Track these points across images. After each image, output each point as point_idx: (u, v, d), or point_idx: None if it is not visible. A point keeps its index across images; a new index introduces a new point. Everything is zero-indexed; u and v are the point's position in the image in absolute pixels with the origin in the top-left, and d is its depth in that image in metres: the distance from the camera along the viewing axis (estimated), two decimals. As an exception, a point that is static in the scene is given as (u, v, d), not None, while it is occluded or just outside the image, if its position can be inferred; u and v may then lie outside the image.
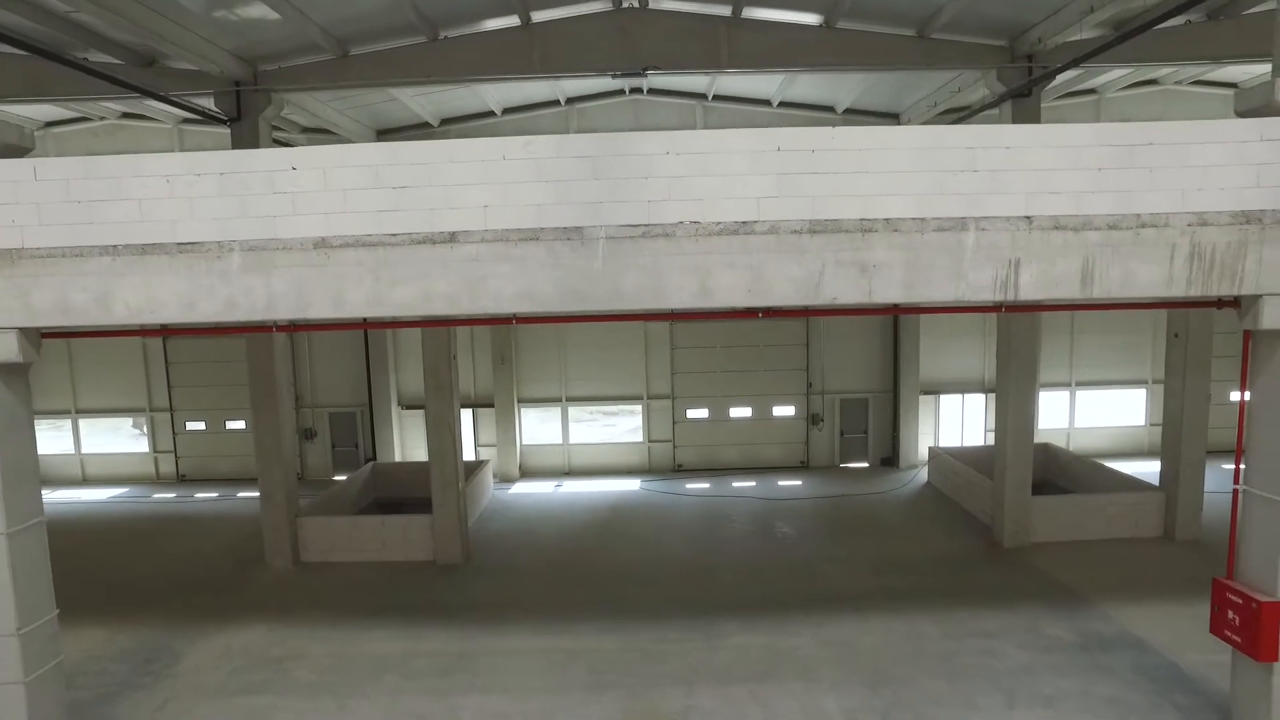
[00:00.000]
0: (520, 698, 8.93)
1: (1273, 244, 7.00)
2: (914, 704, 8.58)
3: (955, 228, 6.94)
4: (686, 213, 6.93)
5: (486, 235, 7.08)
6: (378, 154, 7.22)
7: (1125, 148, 6.95)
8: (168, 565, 13.64)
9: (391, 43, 12.62)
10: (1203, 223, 6.99)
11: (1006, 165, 6.92)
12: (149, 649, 10.41)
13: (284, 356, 13.14)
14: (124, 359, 19.22)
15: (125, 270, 7.25)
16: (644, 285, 7.03)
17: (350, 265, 7.21)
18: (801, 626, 10.51)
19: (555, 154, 7.01)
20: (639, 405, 19.08)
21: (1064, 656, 9.53)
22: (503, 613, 11.25)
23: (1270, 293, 7.06)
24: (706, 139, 7.00)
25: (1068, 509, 13.61)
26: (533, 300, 7.15)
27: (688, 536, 14.45)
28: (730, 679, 9.21)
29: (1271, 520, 7.40)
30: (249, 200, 7.17)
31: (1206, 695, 8.54)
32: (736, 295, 7.00)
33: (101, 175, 7.17)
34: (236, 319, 7.36)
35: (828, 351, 18.85)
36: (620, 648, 10.06)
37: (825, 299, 7.00)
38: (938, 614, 10.75)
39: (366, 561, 13.37)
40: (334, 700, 9.00)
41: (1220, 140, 6.96)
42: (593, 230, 7.00)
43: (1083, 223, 6.98)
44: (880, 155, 6.89)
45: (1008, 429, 13.19)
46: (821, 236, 6.93)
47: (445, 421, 12.93)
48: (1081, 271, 7.05)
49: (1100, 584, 11.59)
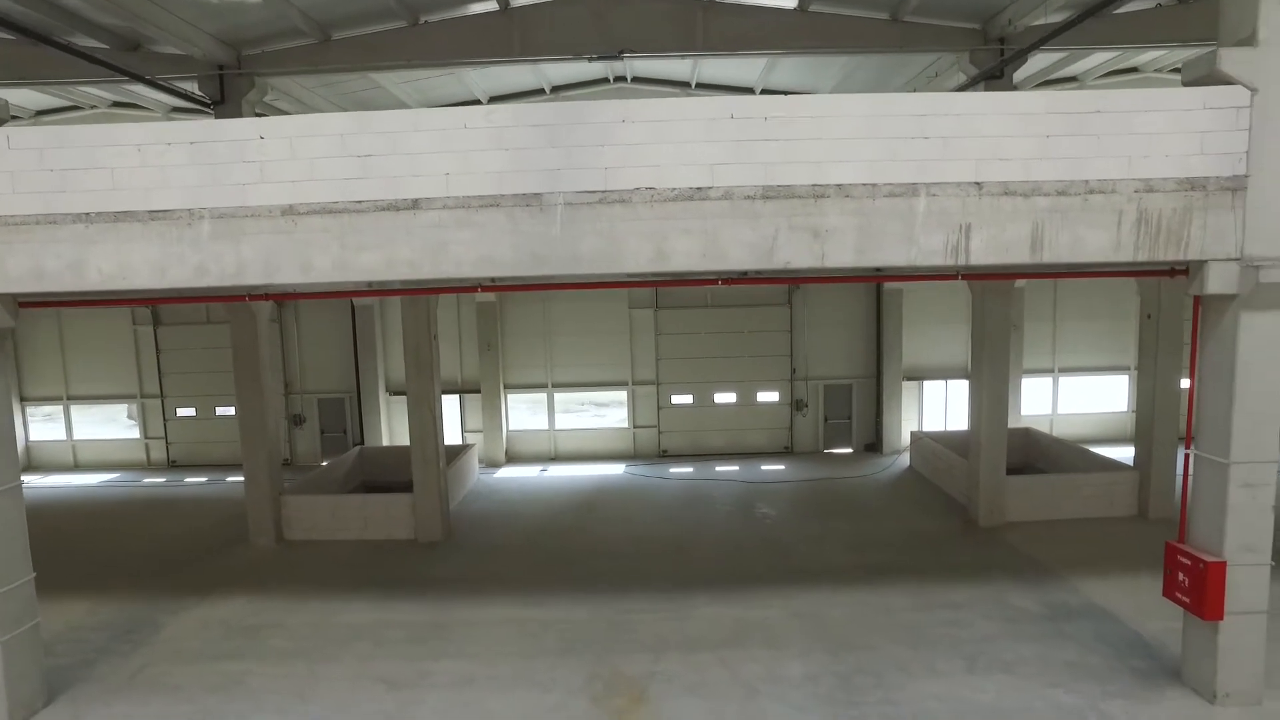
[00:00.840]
0: (489, 662, 9.09)
1: (1216, 210, 7.15)
2: (876, 669, 8.72)
3: (906, 193, 7.10)
4: (642, 179, 7.10)
5: (448, 202, 7.26)
6: (343, 123, 7.38)
7: (1074, 115, 7.11)
8: (153, 544, 13.83)
9: (373, 27, 12.81)
10: (1149, 189, 7.14)
11: (957, 132, 7.08)
12: (130, 620, 10.59)
13: (268, 337, 13.29)
14: (115, 346, 19.43)
15: (98, 237, 7.43)
16: (601, 250, 7.19)
17: (317, 232, 7.39)
18: (773, 599, 10.65)
19: (514, 122, 7.18)
20: (624, 391, 19.24)
21: (1029, 626, 9.67)
22: (480, 587, 11.42)
23: (1214, 258, 7.20)
24: (661, 107, 7.15)
25: (1042, 489, 13.74)
26: (493, 265, 7.32)
27: (667, 517, 14.61)
28: (698, 646, 9.36)
29: (1217, 482, 7.55)
30: (219, 169, 7.35)
31: (1162, 659, 8.67)
32: (692, 260, 7.16)
33: (75, 144, 7.36)
34: (207, 285, 7.53)
35: (811, 338, 19.00)
36: (591, 618, 10.22)
37: (779, 263, 7.16)
38: (908, 588, 10.89)
39: (349, 540, 13.55)
40: (305, 665, 9.17)
41: (1165, 109, 7.11)
42: (551, 197, 7.17)
43: (1032, 189, 7.13)
44: (832, 122, 7.05)
45: (982, 410, 13.32)
46: (775, 202, 7.09)
47: (426, 400, 13.11)
48: (1031, 237, 7.20)
49: (1071, 559, 11.73)
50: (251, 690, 8.66)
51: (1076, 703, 7.94)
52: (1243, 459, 7.41)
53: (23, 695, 8.04)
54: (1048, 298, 19.07)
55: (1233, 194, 7.12)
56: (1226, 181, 7.11)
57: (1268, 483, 7.47)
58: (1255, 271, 7.08)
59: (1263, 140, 7.01)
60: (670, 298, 18.91)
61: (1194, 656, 7.99)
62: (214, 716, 8.14)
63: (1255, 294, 7.16)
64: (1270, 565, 7.56)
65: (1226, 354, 7.44)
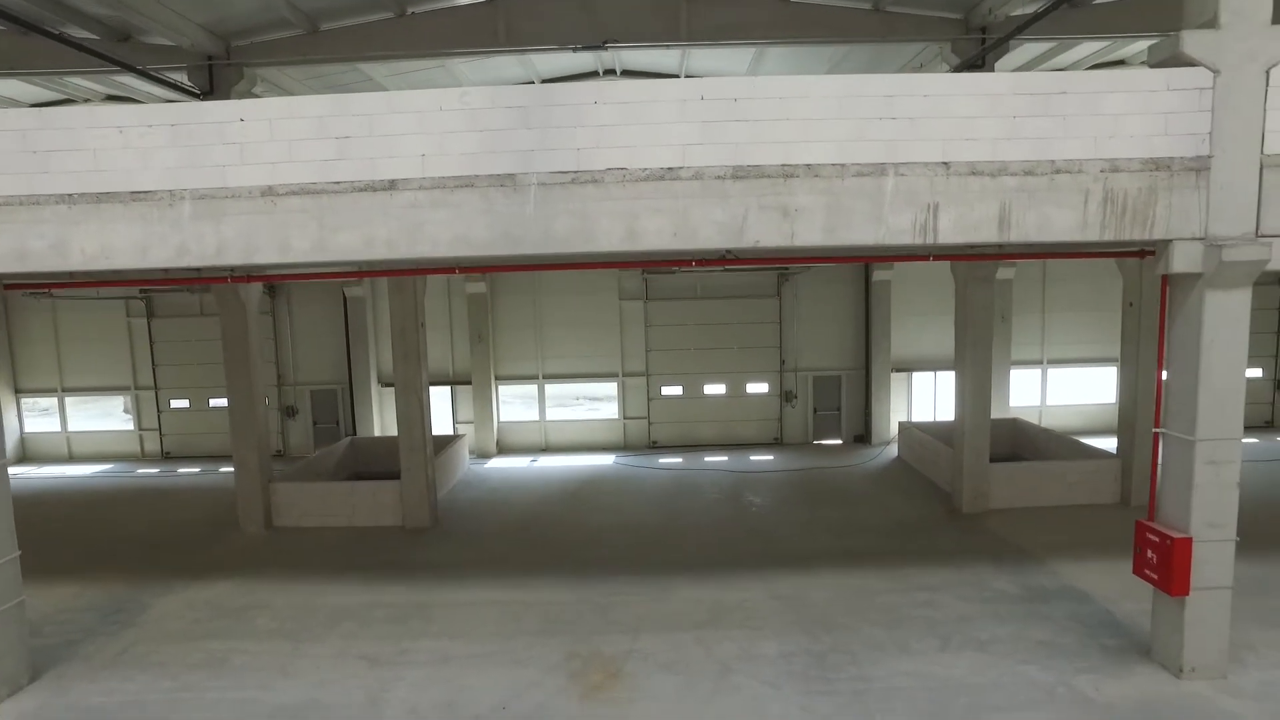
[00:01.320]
0: (470, 642, 9.20)
1: (1181, 190, 7.26)
2: (850, 648, 8.82)
3: (875, 173, 7.21)
4: (614, 160, 7.21)
5: (424, 183, 7.37)
6: (322, 105, 7.49)
7: (1040, 96, 7.22)
8: (143, 531, 13.95)
9: (360, 18, 12.93)
10: (1115, 169, 7.25)
11: (925, 113, 7.19)
12: (118, 601, 10.71)
13: (258, 325, 13.41)
14: (109, 338, 19.57)
15: (81, 218, 7.55)
16: (574, 229, 7.30)
17: (296, 212, 7.50)
18: (753, 582, 10.76)
19: (489, 104, 7.29)
20: (614, 383, 19.35)
21: (1004, 607, 9.77)
22: (464, 571, 11.53)
23: (1180, 237, 7.31)
24: (633, 89, 7.26)
25: (1025, 476, 13.84)
26: (468, 244, 7.42)
27: (654, 505, 14.72)
28: (676, 627, 9.46)
29: (1184, 459, 7.66)
30: (199, 150, 7.46)
31: (1133, 637, 8.77)
32: (663, 239, 7.27)
33: (57, 126, 7.48)
34: (187, 265, 7.65)
35: (800, 329, 19.11)
36: (574, 600, 10.33)
37: (749, 242, 7.26)
38: (888, 572, 10.99)
39: (337, 527, 13.67)
40: (290, 644, 9.29)
41: (1130, 89, 7.22)
42: (525, 177, 7.28)
43: (999, 168, 7.24)
44: (801, 103, 7.16)
45: (966, 396, 13.42)
46: (744, 182, 7.20)
47: (413, 387, 13.22)
48: (999, 216, 7.30)
49: (1051, 545, 11.83)
50: (235, 667, 8.77)
51: (1046, 678, 8.04)
52: (1208, 436, 7.51)
53: (7, 671, 8.15)
54: (1036, 290, 19.16)
55: (1196, 174, 7.23)
56: (1190, 162, 7.21)
57: (1232, 460, 7.57)
58: (1218, 250, 7.17)
59: (1225, 121, 7.12)
60: (660, 289, 19.03)
61: (1162, 632, 8.10)
62: (196, 691, 8.26)
63: (1219, 273, 7.26)
64: (1235, 541, 7.66)
65: (1192, 333, 7.55)
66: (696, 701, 7.81)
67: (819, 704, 7.69)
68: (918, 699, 7.71)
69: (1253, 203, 7.21)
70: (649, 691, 8.01)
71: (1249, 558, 10.80)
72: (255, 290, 13.30)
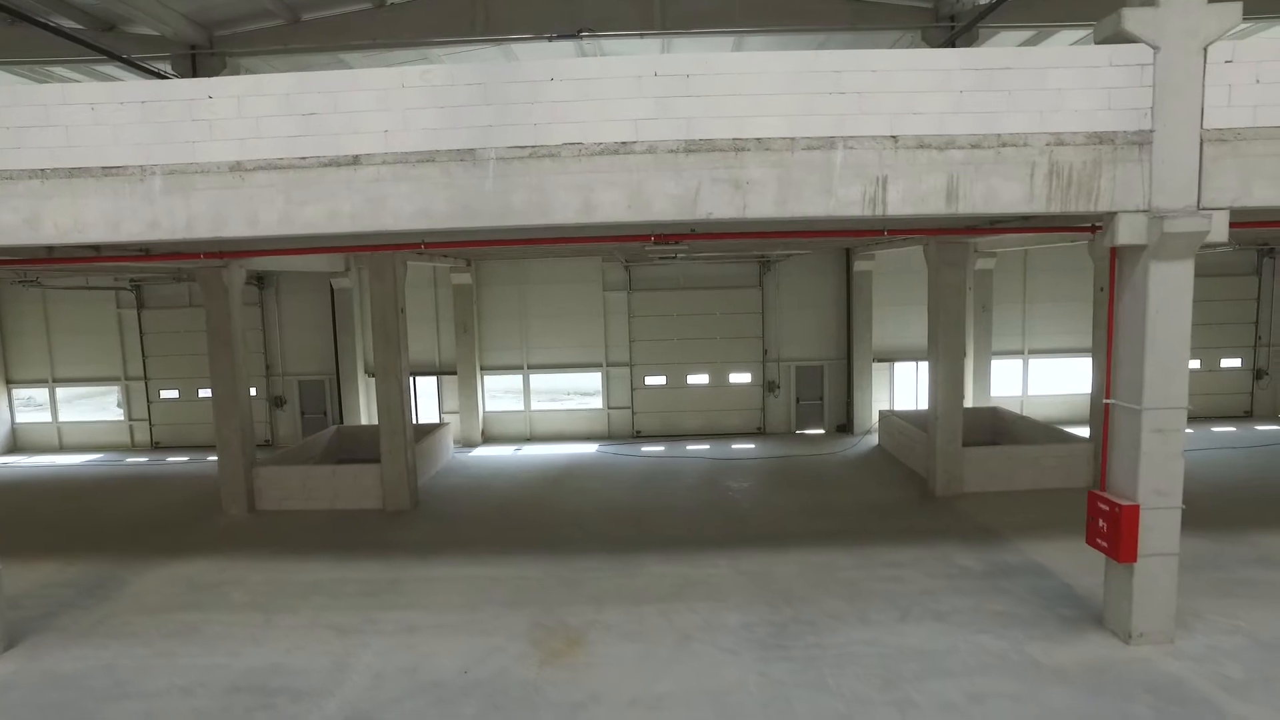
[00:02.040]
0: (437, 613, 9.37)
1: (1125, 163, 7.43)
2: (811, 619, 8.97)
3: (824, 146, 7.38)
4: (570, 134, 7.39)
5: (387, 158, 7.56)
6: (287, 83, 7.68)
7: (986, 71, 7.39)
8: (127, 514, 14.14)
9: (341, 8, 13.15)
10: (1060, 143, 7.42)
11: (874, 87, 7.36)
12: (97, 578, 10.89)
13: (240, 308, 13.60)
14: (100, 329, 19.79)
15: (54, 192, 7.74)
16: (532, 202, 7.48)
17: (263, 187, 7.69)
18: (721, 560, 10.92)
19: (450, 82, 7.48)
20: (598, 373, 19.53)
21: (966, 582, 9.91)
22: (439, 549, 11.71)
23: (1124, 209, 7.47)
24: (588, 65, 7.45)
25: (999, 460, 13.99)
26: (429, 217, 7.61)
27: (633, 489, 14.89)
28: (641, 600, 9.62)
29: (1131, 428, 7.82)
30: (169, 127, 7.65)
31: (1089, 608, 8.91)
32: (618, 211, 7.44)
33: (29, 103, 7.67)
34: (158, 238, 7.84)
35: (782, 319, 19.28)
36: (543, 575, 10.51)
37: (702, 214, 7.44)
38: (856, 550, 11.14)
39: (320, 510, 13.85)
40: (262, 615, 9.47)
41: (1074, 65, 7.40)
42: (484, 152, 7.47)
43: (946, 142, 7.41)
44: (752, 79, 7.34)
45: (939, 380, 13.59)
46: (697, 155, 7.38)
47: (393, 372, 13.42)
48: (947, 188, 7.48)
49: (1020, 525, 11.98)
50: (207, 636, 8.95)
51: (999, 645, 8.19)
52: (1154, 405, 7.67)
53: (-18, 637, 8.35)
54: (1017, 281, 19.32)
55: (1139, 148, 7.40)
56: (1133, 136, 7.38)
57: (1177, 428, 7.73)
58: (1161, 222, 7.34)
59: (1165, 96, 7.28)
60: (644, 280, 19.22)
61: (1113, 600, 8.24)
62: (167, 658, 8.43)
63: (1162, 244, 7.43)
64: (1180, 509, 7.82)
65: (1138, 304, 7.72)
66: (654, 666, 7.97)
67: (774, 668, 7.84)
68: (871, 664, 7.86)
69: (1194, 176, 7.38)
70: (608, 658, 8.17)
71: (1211, 534, 11.03)
72: (239, 274, 13.51)
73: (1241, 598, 9.04)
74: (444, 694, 7.50)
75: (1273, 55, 7.29)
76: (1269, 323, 19.29)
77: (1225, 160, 7.38)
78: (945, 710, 7.00)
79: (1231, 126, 7.33)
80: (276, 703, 7.44)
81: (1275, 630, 8.21)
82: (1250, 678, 7.31)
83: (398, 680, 7.80)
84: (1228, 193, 7.41)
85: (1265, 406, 19.50)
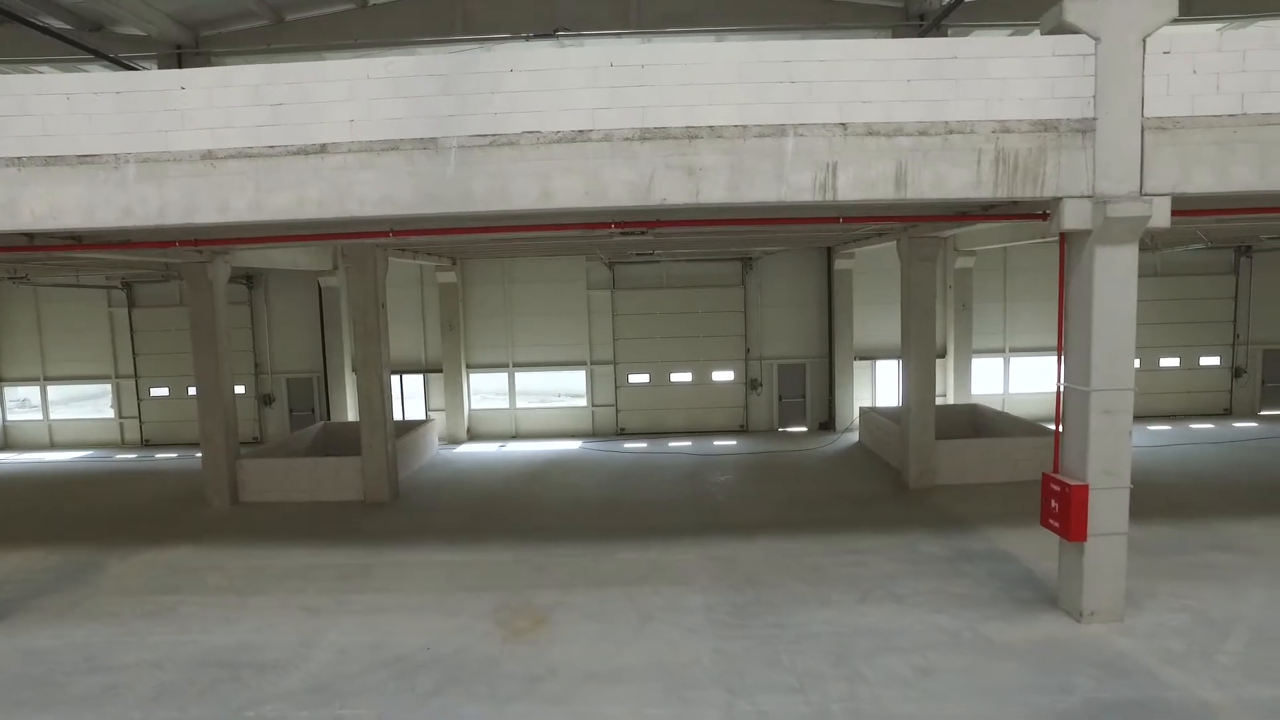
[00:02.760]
0: (407, 595, 9.55)
1: (1069, 150, 7.64)
2: (772, 601, 9.13)
3: (775, 134, 7.61)
4: (529, 124, 7.62)
5: (353, 146, 7.80)
6: (256, 74, 7.92)
7: (932, 60, 7.62)
8: (112, 506, 14.34)
9: (323, 9, 13.46)
10: (1005, 130, 7.64)
11: (822, 77, 7.59)
12: (79, 564, 11.08)
13: (225, 302, 13.83)
14: (91, 327, 20.05)
15: (31, 180, 7.98)
16: (492, 189, 7.71)
17: (234, 175, 7.93)
18: (690, 547, 11.08)
19: (413, 73, 7.72)
20: (583, 371, 19.73)
21: (929, 567, 10.07)
22: (414, 538, 11.89)
23: (1069, 195, 7.68)
24: (547, 57, 7.68)
25: (972, 453, 14.15)
26: (394, 204, 7.84)
27: (610, 483, 15.06)
28: (608, 583, 9.79)
29: (1080, 409, 8.00)
30: (143, 117, 7.90)
31: (1046, 590, 9.06)
32: (575, 197, 7.67)
33: (6, 93, 7.93)
34: (132, 225, 8.07)
35: (765, 318, 19.48)
36: (514, 561, 10.68)
37: (656, 200, 7.66)
38: (823, 538, 11.30)
39: (301, 502, 14.03)
40: (237, 597, 9.65)
41: (1017, 55, 7.62)
42: (446, 140, 7.70)
43: (895, 129, 7.63)
44: (704, 68, 7.57)
45: (912, 372, 13.77)
46: (651, 143, 7.60)
47: (374, 365, 13.63)
48: (895, 174, 7.69)
49: (989, 515, 12.11)
50: (181, 616, 9.14)
51: (954, 625, 8.34)
52: (1101, 386, 7.86)
53: (-41, 615, 8.53)
54: (997, 280, 19.51)
55: (1083, 135, 7.61)
56: (1076, 123, 7.60)
57: (1125, 409, 7.91)
58: (1104, 207, 7.55)
59: (1107, 86, 7.50)
60: (627, 279, 19.44)
61: (1066, 580, 8.41)
62: (140, 636, 8.61)
63: (1106, 228, 7.63)
64: (1129, 489, 7.99)
65: (1085, 287, 7.92)
66: (614, 643, 8.14)
67: (731, 645, 8.01)
68: (826, 642, 8.02)
69: (1136, 162, 7.58)
70: (571, 635, 8.34)
71: (1176, 521, 11.19)
72: (223, 269, 13.74)
73: (1195, 579, 9.19)
74: (404, 668, 7.67)
75: (1209, 47, 7.53)
76: (1247, 321, 19.46)
77: (1166, 148, 7.59)
78: (893, 683, 7.16)
79: (1171, 115, 7.55)
80: (242, 675, 7.62)
81: (1221, 608, 8.37)
82: (1190, 650, 7.48)
83: (361, 655, 7.97)
84: (1169, 179, 7.62)
85: (1244, 404, 19.64)
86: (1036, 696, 6.86)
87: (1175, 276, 19.36)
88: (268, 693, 7.28)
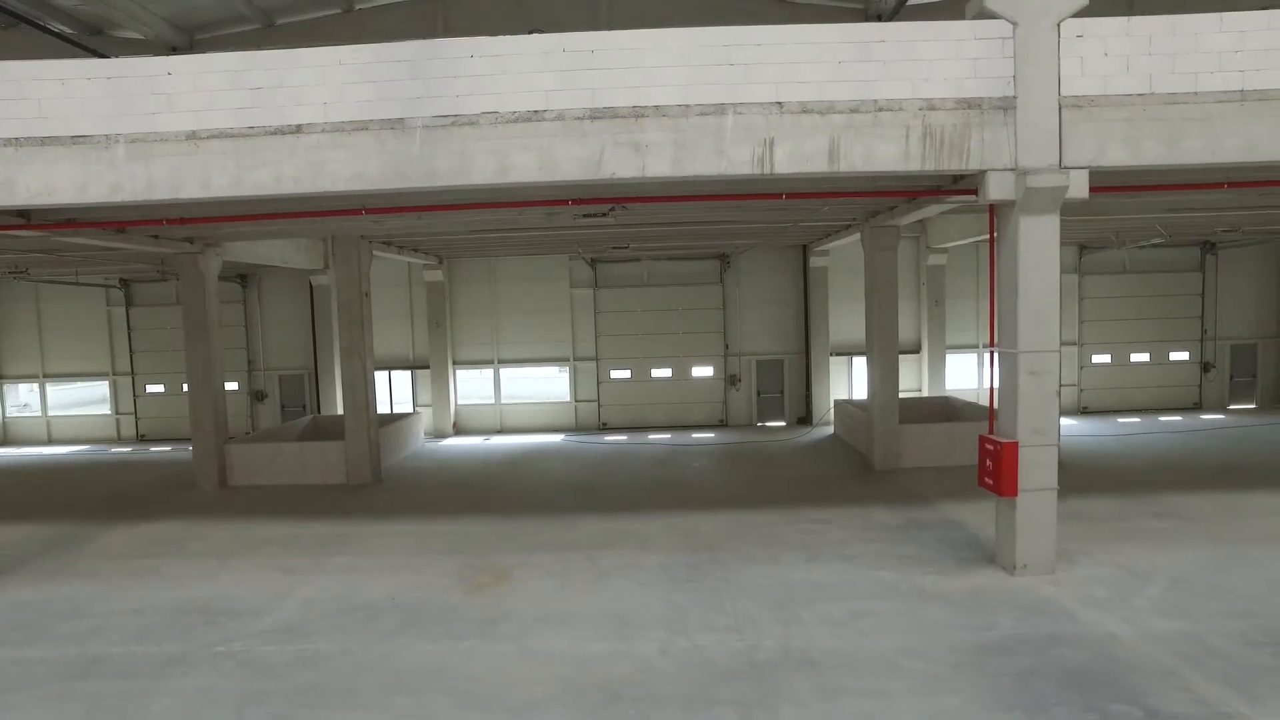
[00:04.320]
0: (378, 558, 10.01)
1: (992, 126, 8.19)
2: (725, 561, 9.55)
3: (716, 112, 8.17)
4: (488, 105, 8.21)
5: (326, 127, 8.38)
6: (236, 61, 8.52)
7: (862, 44, 8.18)
8: (105, 490, 14.85)
9: (312, 13, 14.16)
10: (932, 108, 8.19)
11: (759, 59, 8.16)
12: (68, 536, 11.56)
13: (215, 293, 14.41)
14: (89, 325, 20.67)
15: (27, 159, 8.57)
16: (455, 166, 8.28)
17: (216, 153, 8.51)
18: (655, 518, 11.53)
19: (381, 59, 8.33)
20: (566, 367, 20.25)
21: (881, 533, 10.49)
22: (393, 512, 12.37)
23: (993, 168, 8.21)
24: (503, 43, 8.29)
25: (937, 437, 14.59)
26: (364, 180, 8.41)
27: (589, 469, 15.51)
28: (571, 547, 10.23)
29: (1010, 371, 8.48)
30: (132, 100, 8.49)
31: (987, 551, 9.47)
32: (530, 173, 8.23)
33: (4, 78, 8.52)
34: (121, 200, 8.65)
35: (743, 315, 20.01)
36: (485, 531, 11.13)
37: (605, 174, 8.22)
38: (784, 510, 11.73)
39: (287, 485, 14.51)
40: (217, 560, 10.12)
41: (942, 38, 8.19)
42: (412, 121, 8.29)
43: (828, 107, 8.19)
44: (649, 52, 8.16)
45: (876, 355, 14.25)
46: (601, 122, 8.18)
47: (357, 352, 14.16)
48: (829, 149, 8.24)
49: (946, 492, 12.52)
50: (163, 576, 9.61)
51: (894, 579, 8.76)
52: (1028, 349, 8.34)
53: (-48, 571, 9.00)
54: (970, 277, 20.01)
55: (1005, 112, 8.16)
56: (998, 101, 8.15)
57: (1050, 370, 8.39)
58: (1025, 178, 8.08)
59: (1025, 67, 8.06)
60: (609, 277, 20.00)
61: (1001, 535, 8.84)
62: (123, 591, 9.07)
63: (1028, 199, 8.15)
64: (1055, 446, 8.44)
65: (1011, 255, 8.43)
66: (570, 595, 8.58)
67: (680, 596, 8.44)
68: (768, 593, 8.44)
69: (1054, 138, 8.12)
70: (528, 590, 8.78)
71: (1124, 496, 11.61)
72: (215, 262, 14.34)
73: (1130, 541, 9.62)
74: (369, 614, 8.13)
75: (1118, 31, 8.09)
76: (1214, 317, 19.92)
77: (1082, 125, 8.14)
78: (826, 624, 7.59)
79: (1086, 94, 8.10)
80: (217, 620, 8.08)
81: (1147, 563, 8.79)
82: (1111, 596, 7.89)
83: (329, 604, 8.43)
84: (1086, 153, 8.15)
85: (1214, 398, 20.04)
86: (959, 633, 7.28)
87: (1144, 274, 19.87)
88: (240, 632, 7.74)
